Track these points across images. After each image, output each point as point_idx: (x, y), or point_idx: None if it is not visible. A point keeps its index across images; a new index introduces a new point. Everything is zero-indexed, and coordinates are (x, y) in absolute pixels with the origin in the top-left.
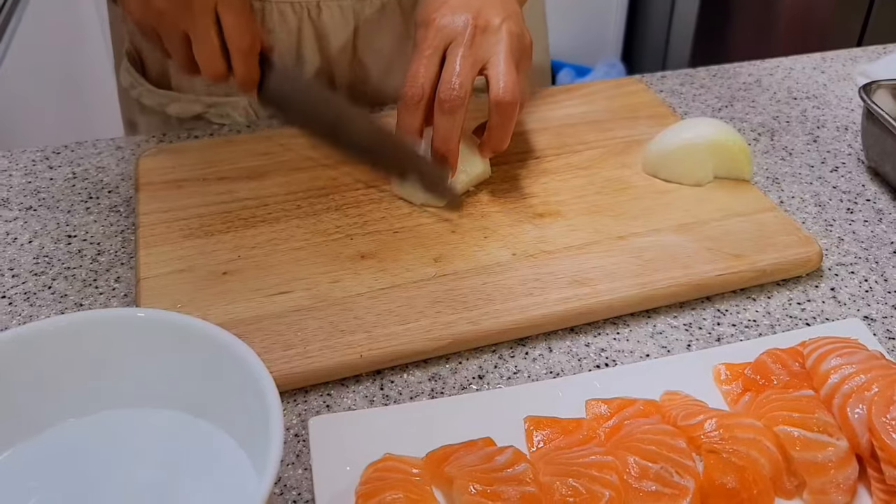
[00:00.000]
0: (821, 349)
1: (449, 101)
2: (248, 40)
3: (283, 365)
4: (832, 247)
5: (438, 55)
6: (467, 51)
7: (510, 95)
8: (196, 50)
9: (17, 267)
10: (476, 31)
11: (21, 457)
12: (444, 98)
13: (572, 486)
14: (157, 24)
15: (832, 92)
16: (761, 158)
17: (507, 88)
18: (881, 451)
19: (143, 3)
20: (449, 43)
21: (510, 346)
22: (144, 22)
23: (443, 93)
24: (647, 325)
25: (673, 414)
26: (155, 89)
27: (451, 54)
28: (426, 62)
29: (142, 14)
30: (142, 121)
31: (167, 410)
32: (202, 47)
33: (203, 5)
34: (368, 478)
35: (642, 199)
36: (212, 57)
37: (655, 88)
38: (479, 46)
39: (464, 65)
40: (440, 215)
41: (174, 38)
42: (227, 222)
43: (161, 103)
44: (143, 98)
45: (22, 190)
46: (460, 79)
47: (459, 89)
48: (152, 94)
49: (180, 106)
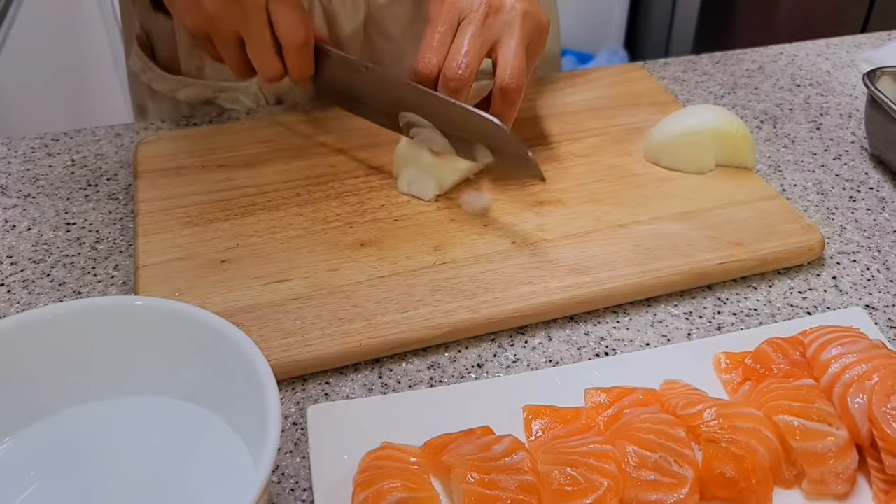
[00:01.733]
0: (822, 338)
1: (454, 80)
2: (302, 35)
3: (281, 353)
4: (834, 235)
5: (452, 31)
6: (478, 30)
7: (516, 82)
8: (251, 51)
9: (15, 254)
10: (490, 10)
11: (20, 445)
12: (449, 76)
13: (570, 474)
14: (210, 28)
15: (836, 79)
16: (764, 146)
17: (513, 75)
18: (881, 440)
19: (194, 8)
20: (462, 19)
21: (509, 334)
22: (197, 28)
23: (448, 71)
24: (647, 314)
25: (672, 403)
26: (165, 74)
27: (462, 32)
28: (439, 38)
29: (193, 20)
30: (152, 106)
31: (166, 398)
32: (256, 47)
33: (254, 4)
34: (366, 466)
35: (643, 187)
36: (267, 56)
37: (658, 75)
38: (490, 26)
39: (473, 44)
40: (447, 205)
41: (227, 41)
42: (226, 210)
43: (171, 88)
44: (154, 83)
45: (20, 177)
46: (467, 58)
47: (465, 69)
48: (163, 79)
49: (190, 91)
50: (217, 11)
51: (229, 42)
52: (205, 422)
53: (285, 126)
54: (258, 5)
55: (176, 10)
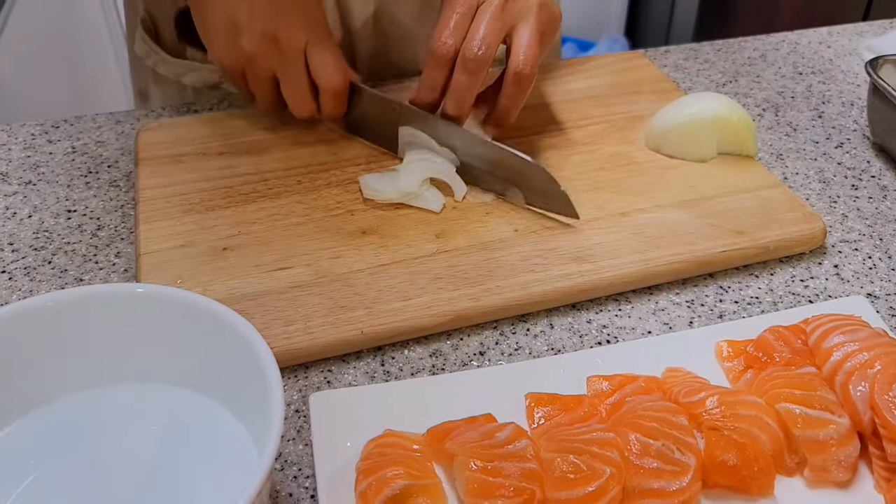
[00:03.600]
0: (824, 326)
1: (473, 60)
2: (339, 81)
3: (283, 341)
4: (836, 223)
5: (470, 14)
6: (498, 13)
7: (529, 69)
8: (286, 91)
9: (16, 241)
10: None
11: (21, 433)
12: (468, 56)
13: (573, 462)
14: (246, 67)
15: (838, 67)
16: (766, 134)
17: (527, 61)
18: (883, 428)
19: (233, 48)
20: (481, 2)
21: (511, 322)
22: (233, 67)
23: (468, 51)
24: (649, 302)
25: (674, 391)
26: (171, 58)
27: (482, 14)
28: (459, 19)
29: (231, 59)
30: (156, 91)
31: (168, 386)
32: (292, 88)
33: (293, 48)
34: (369, 454)
35: (645, 175)
36: (302, 97)
37: (659, 63)
38: (509, 11)
39: (492, 28)
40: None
41: (262, 80)
42: (227, 197)
43: (177, 73)
44: (159, 67)
45: (21, 164)
46: (487, 41)
47: (485, 50)
48: (168, 63)
49: (197, 75)
50: (255, 51)
51: (264, 81)
52: (207, 409)
53: (286, 113)
54: (297, 49)
55: (213, 47)
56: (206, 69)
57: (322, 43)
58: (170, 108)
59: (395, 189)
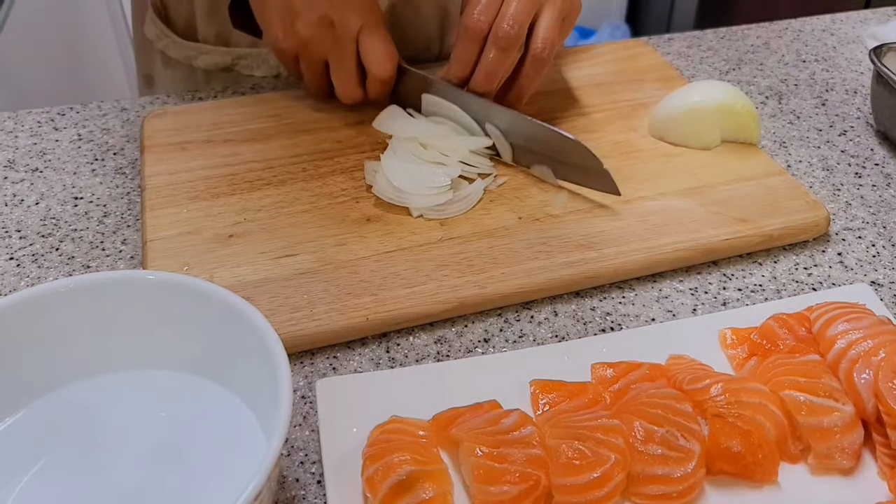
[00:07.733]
0: (827, 314)
1: (506, 38)
2: (389, 69)
3: (290, 327)
4: (839, 211)
5: None
6: None
7: (547, 52)
8: (335, 75)
9: (24, 228)
10: None
11: (31, 418)
12: (501, 34)
13: (578, 448)
14: (301, 50)
15: (841, 55)
16: (769, 122)
17: (546, 44)
18: (887, 416)
19: (290, 32)
20: None
21: (516, 309)
22: (288, 50)
23: (500, 29)
24: (652, 290)
25: (679, 378)
26: (182, 41)
27: None
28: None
29: (287, 43)
30: (164, 74)
31: (175, 372)
32: (341, 73)
33: (348, 33)
34: (375, 440)
35: (649, 163)
36: (350, 82)
37: (662, 51)
38: None
39: (523, 7)
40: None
41: (314, 63)
42: (232, 185)
43: (189, 56)
44: (170, 50)
45: (28, 151)
46: (519, 20)
47: (518, 29)
48: (179, 46)
49: (209, 58)
50: (310, 36)
51: (316, 65)
52: (215, 395)
53: (291, 101)
54: (350, 35)
55: (271, 32)
56: (217, 52)
57: (375, 29)
58: (175, 95)
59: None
